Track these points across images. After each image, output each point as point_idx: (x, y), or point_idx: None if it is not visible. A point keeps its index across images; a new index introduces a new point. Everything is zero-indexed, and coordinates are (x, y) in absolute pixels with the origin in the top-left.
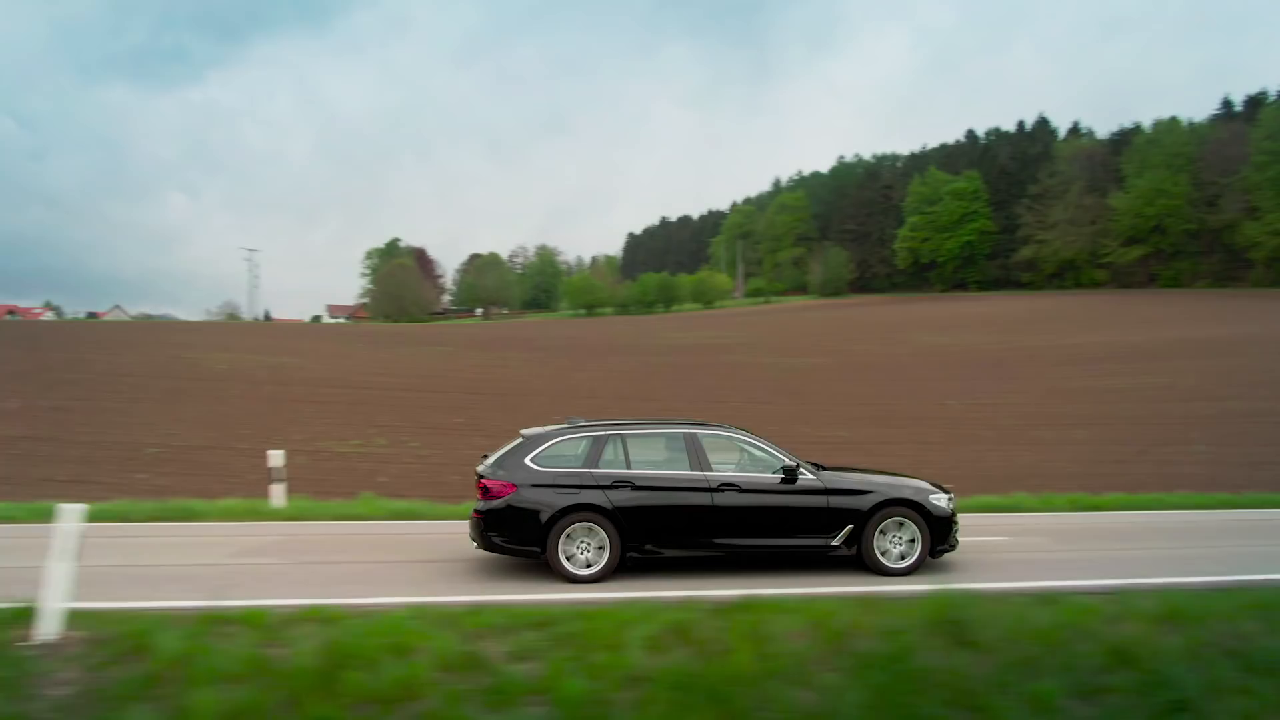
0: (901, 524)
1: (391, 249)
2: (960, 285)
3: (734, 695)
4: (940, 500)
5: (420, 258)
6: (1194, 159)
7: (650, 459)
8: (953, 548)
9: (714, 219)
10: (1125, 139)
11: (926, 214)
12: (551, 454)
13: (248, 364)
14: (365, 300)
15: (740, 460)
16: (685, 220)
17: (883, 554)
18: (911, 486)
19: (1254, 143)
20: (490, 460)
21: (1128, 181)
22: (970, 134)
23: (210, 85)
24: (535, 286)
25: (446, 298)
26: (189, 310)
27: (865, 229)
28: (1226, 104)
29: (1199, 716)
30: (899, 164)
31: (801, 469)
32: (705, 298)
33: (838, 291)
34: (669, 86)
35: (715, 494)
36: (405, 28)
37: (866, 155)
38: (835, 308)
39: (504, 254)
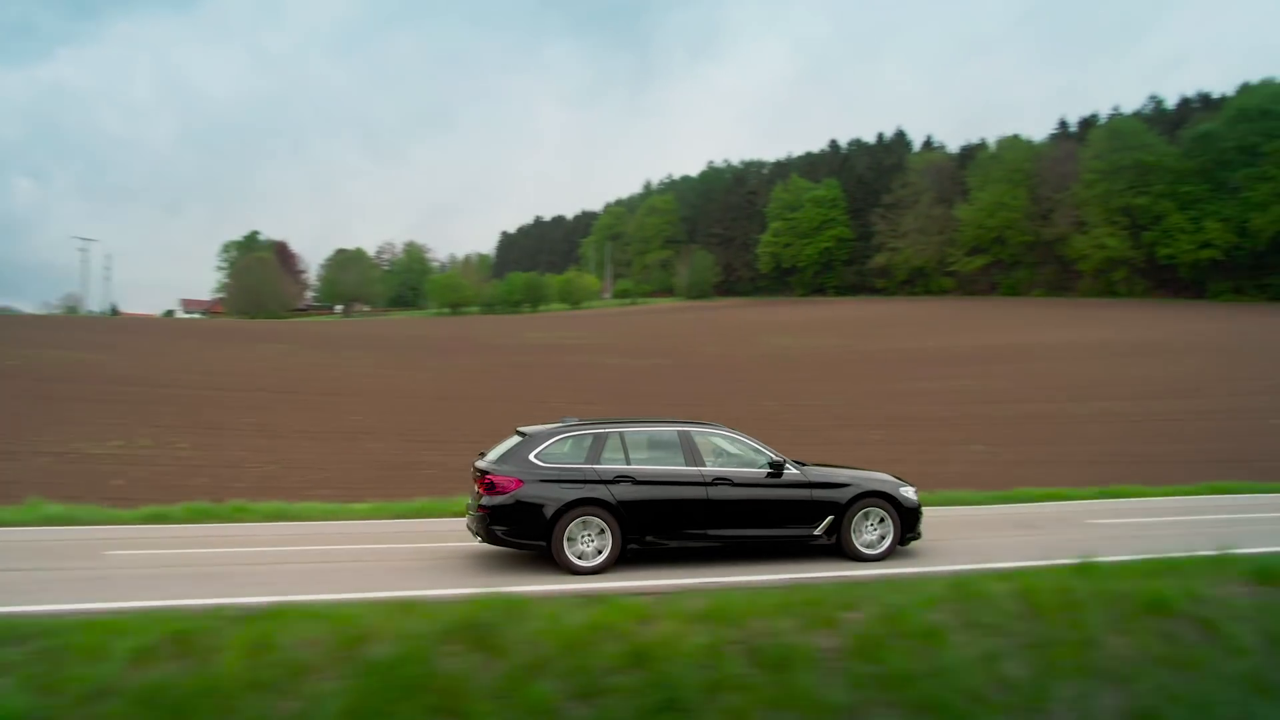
0: (871, 513)
1: (251, 242)
2: (819, 290)
3: (203, 708)
4: (909, 492)
5: (281, 251)
6: (1031, 175)
7: (648, 455)
8: (919, 536)
9: (587, 219)
10: (971, 154)
11: (788, 220)
12: (554, 450)
13: (44, 360)
14: (222, 295)
15: (729, 456)
16: (559, 220)
17: (860, 543)
18: (882, 480)
19: (1084, 161)
20: (492, 457)
21: (972, 194)
22: (833, 143)
23: (61, 64)
24: (403, 284)
25: (310, 294)
26: (33, 303)
27: (731, 233)
28: (1063, 124)
29: (685, 713)
30: (765, 170)
31: (787, 464)
32: (573, 298)
33: (703, 294)
34: (551, 85)
35: (710, 488)
36: (278, 13)
37: (743, 159)
38: (698, 310)
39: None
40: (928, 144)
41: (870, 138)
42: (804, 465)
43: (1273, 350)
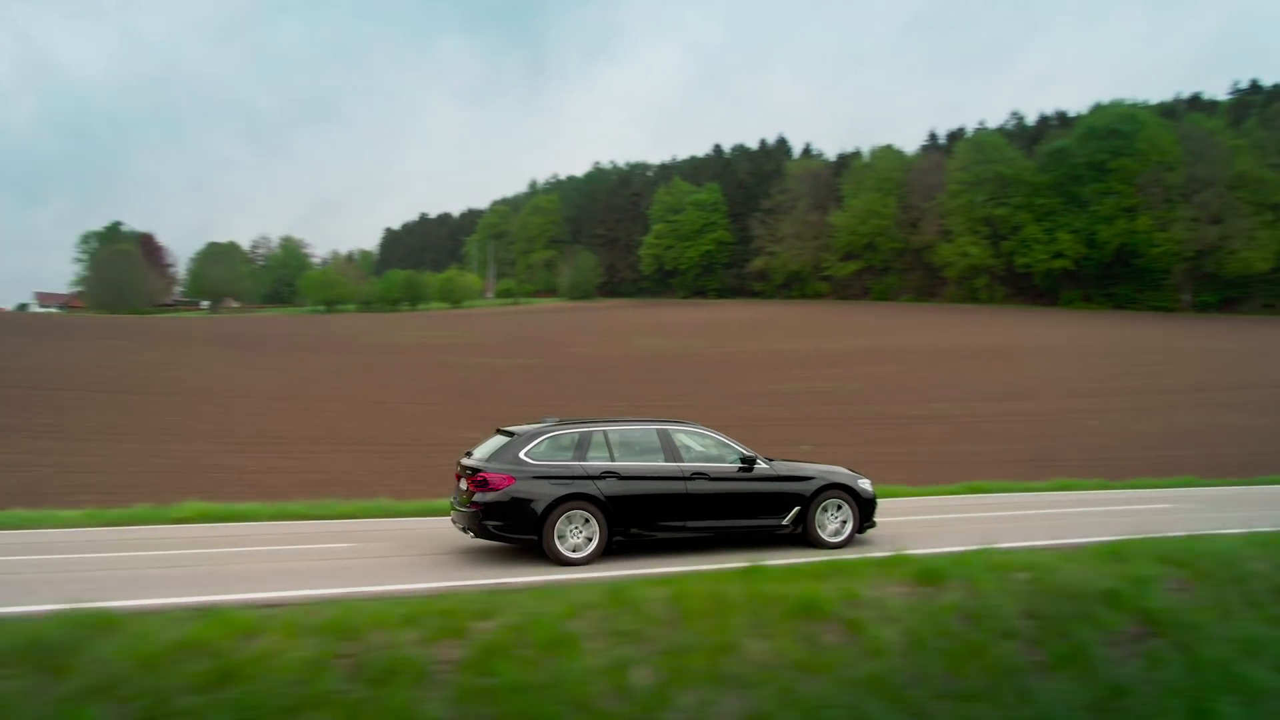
0: (831, 505)
1: (113, 233)
2: (700, 292)
3: None
4: (865, 484)
5: (147, 244)
6: (901, 184)
7: (630, 452)
8: (874, 525)
9: (473, 217)
10: (846, 162)
11: (670, 222)
12: (543, 449)
13: None
14: (81, 289)
15: (704, 452)
16: (445, 217)
17: (824, 532)
18: (842, 473)
19: (949, 173)
20: (481, 454)
21: (846, 201)
22: (717, 148)
23: None
24: (279, 280)
25: (178, 289)
26: None
27: (614, 234)
28: (933, 136)
29: None
30: (650, 173)
31: (757, 460)
32: (453, 297)
33: (586, 295)
34: (443, 80)
35: (688, 482)
36: None
37: (632, 161)
38: (579, 310)
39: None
40: (807, 151)
41: (754, 143)
42: (772, 460)
43: (1109, 355)
